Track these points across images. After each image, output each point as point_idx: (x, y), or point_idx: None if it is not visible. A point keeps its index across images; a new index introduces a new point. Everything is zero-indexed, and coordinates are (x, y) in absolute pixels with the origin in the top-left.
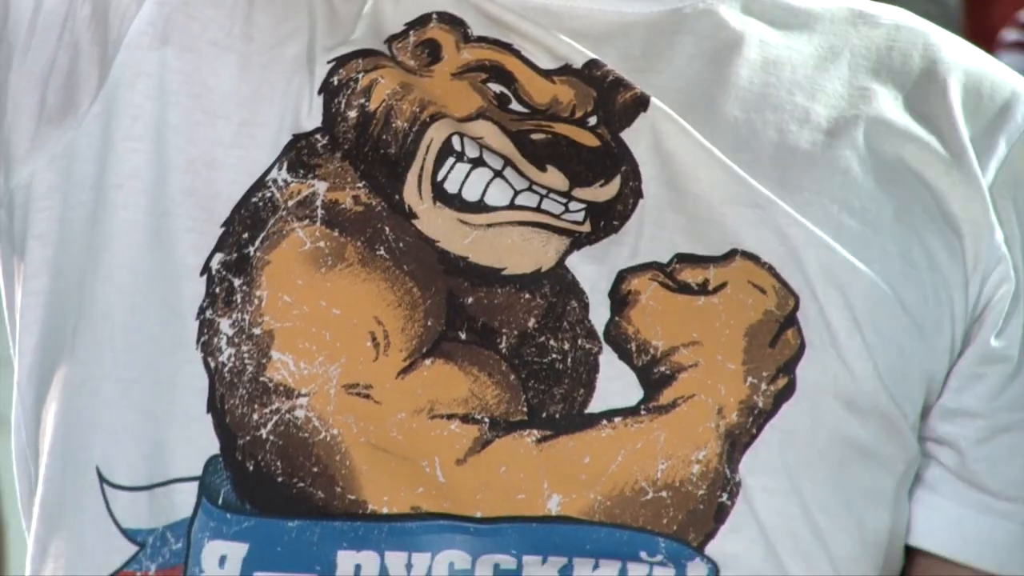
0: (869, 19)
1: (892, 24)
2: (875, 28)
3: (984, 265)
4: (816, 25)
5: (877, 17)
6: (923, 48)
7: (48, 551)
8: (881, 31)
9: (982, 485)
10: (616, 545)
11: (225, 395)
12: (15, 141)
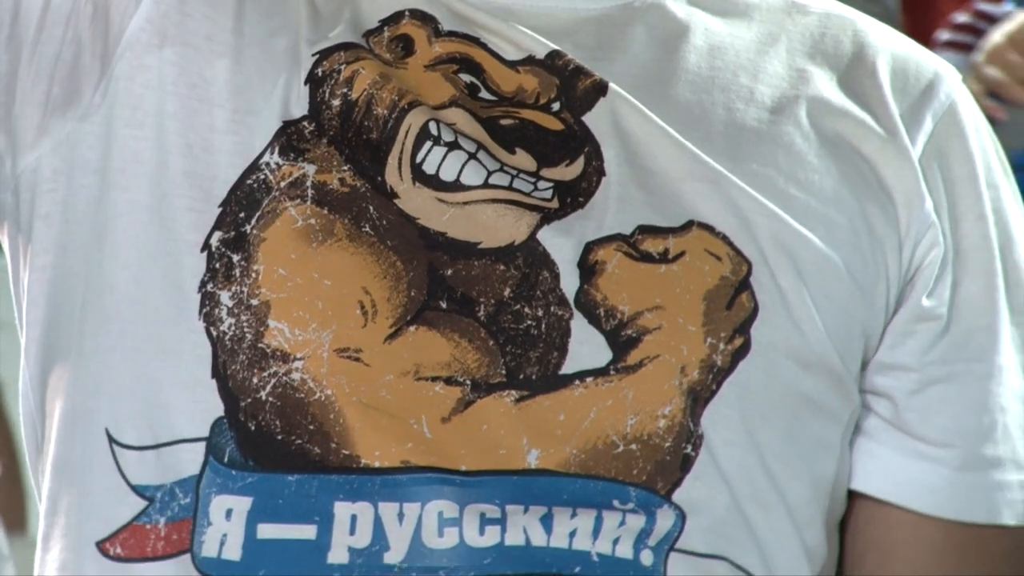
0: (801, 8)
1: (823, 12)
2: (807, 16)
3: (916, 231)
4: (754, 14)
5: (808, 6)
6: (852, 34)
7: (59, 506)
8: (813, 18)
9: (915, 433)
10: (591, 495)
11: (227, 361)
12: (22, 129)
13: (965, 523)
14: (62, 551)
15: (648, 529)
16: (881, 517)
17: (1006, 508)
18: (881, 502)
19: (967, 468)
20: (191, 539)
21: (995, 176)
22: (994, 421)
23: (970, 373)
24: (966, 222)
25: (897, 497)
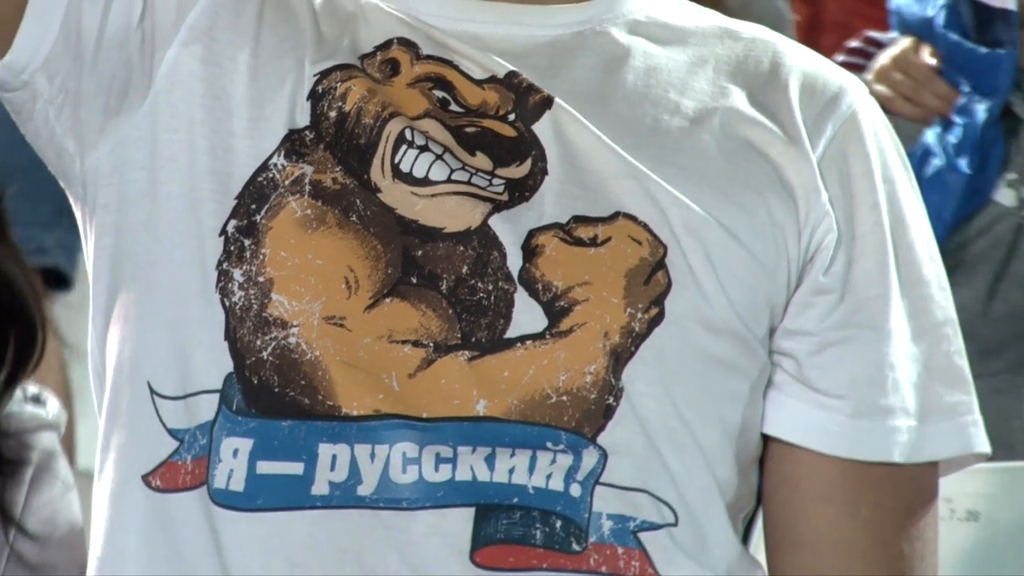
0: (733, 34)
1: (750, 38)
2: (737, 41)
3: (813, 220)
4: (690, 39)
5: (739, 32)
6: (771, 55)
7: (111, 444)
8: (741, 43)
9: (815, 386)
10: (528, 438)
11: (236, 327)
12: (87, 133)
13: (859, 461)
14: (113, 483)
15: (576, 466)
16: (790, 457)
17: (895, 448)
18: (789, 444)
19: (860, 415)
20: (206, 473)
21: (892, 172)
22: (884, 376)
23: (863, 337)
24: (861, 211)
25: (802, 440)
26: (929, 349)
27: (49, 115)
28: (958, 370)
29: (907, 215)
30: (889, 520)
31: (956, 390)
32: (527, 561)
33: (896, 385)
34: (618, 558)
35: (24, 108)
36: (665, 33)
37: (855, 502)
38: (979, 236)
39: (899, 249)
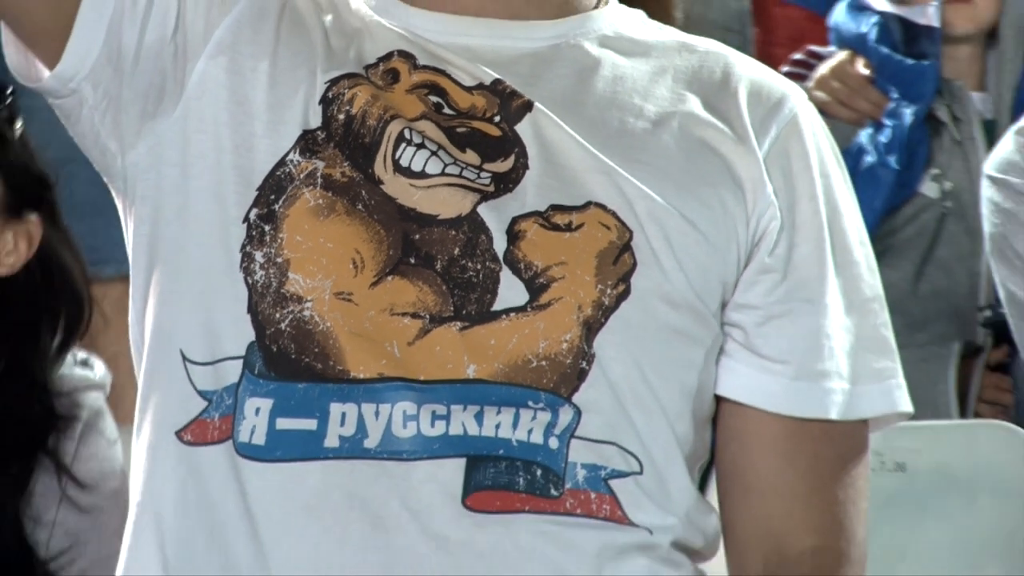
0: (690, 48)
1: (705, 51)
2: (693, 54)
3: (759, 209)
4: (652, 52)
5: (695, 46)
6: (724, 66)
7: (148, 405)
8: (697, 56)
9: (761, 353)
10: (512, 397)
11: (258, 302)
12: (127, 135)
13: (798, 418)
14: (150, 437)
15: (554, 422)
16: (739, 415)
17: (831, 407)
18: (738, 404)
19: (800, 378)
20: (232, 429)
21: (828, 168)
22: (821, 345)
23: (802, 310)
24: (802, 202)
25: (749, 399)
26: (860, 322)
27: (94, 119)
28: (885, 340)
29: (841, 205)
30: (826, 470)
31: (883, 357)
32: (511, 504)
33: (831, 352)
34: (591, 502)
35: (72, 113)
36: (630, 46)
37: (796, 454)
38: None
39: (834, 235)
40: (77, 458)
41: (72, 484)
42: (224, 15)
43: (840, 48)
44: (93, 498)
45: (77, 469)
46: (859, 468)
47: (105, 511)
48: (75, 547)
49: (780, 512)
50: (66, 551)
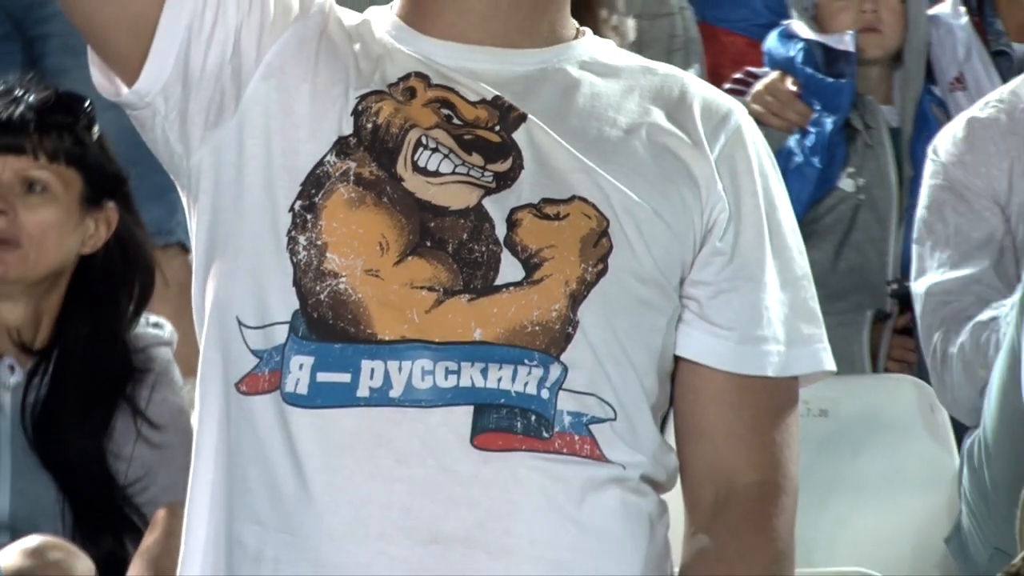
0: (652, 70)
1: (664, 73)
2: (655, 75)
3: (711, 203)
4: (621, 74)
5: (656, 70)
6: (680, 86)
7: (209, 362)
8: (658, 77)
9: (712, 321)
10: (511, 356)
11: (301, 277)
12: (192, 140)
13: (743, 375)
14: (211, 388)
15: (545, 377)
16: (694, 372)
17: (769, 366)
18: (693, 362)
19: (744, 342)
20: (279, 382)
21: (766, 169)
22: (761, 315)
23: (746, 287)
24: (745, 197)
25: (701, 359)
26: (793, 296)
27: (165, 127)
28: (813, 311)
29: (777, 200)
30: (764, 418)
31: (812, 325)
32: (511, 444)
33: (769, 321)
34: (575, 443)
35: (146, 122)
36: (604, 69)
37: (740, 405)
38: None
39: (771, 224)
40: (150, 403)
41: (146, 425)
42: (272, 43)
43: (772, 69)
44: (163, 436)
45: (150, 412)
46: (791, 416)
47: (173, 447)
48: (147, 477)
49: (728, 453)
50: (140, 479)
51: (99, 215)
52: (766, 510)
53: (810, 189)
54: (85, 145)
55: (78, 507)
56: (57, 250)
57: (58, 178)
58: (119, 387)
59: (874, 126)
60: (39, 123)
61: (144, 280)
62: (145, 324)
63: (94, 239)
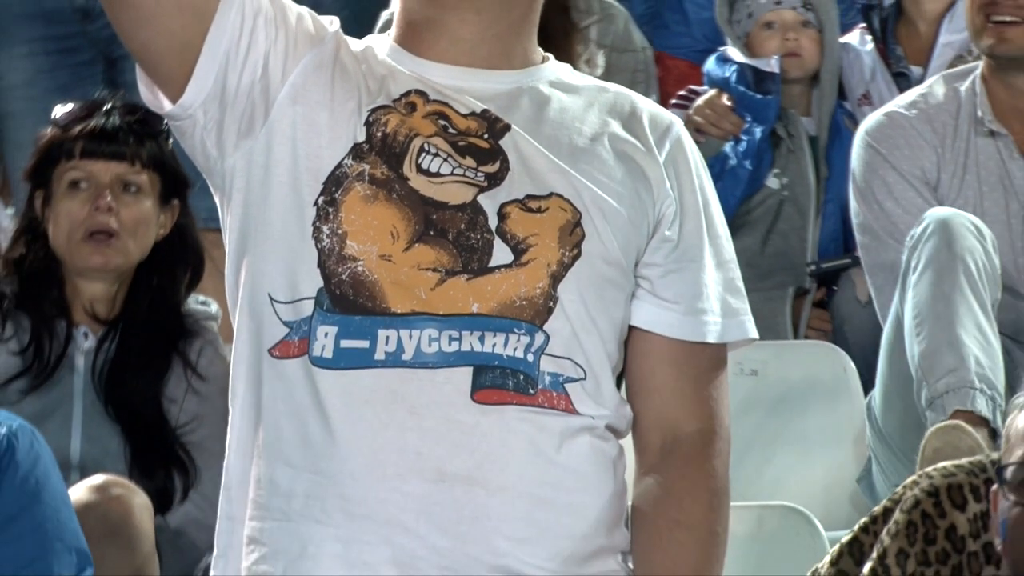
0: (605, 89)
1: (615, 91)
2: (609, 93)
3: (661, 198)
4: (581, 92)
5: (608, 88)
6: (630, 102)
7: (244, 331)
8: (611, 94)
9: (661, 296)
10: (503, 326)
11: (325, 260)
12: (226, 146)
13: (686, 341)
14: (247, 353)
15: (531, 343)
16: (645, 339)
17: (708, 334)
18: (645, 331)
19: (687, 314)
20: (308, 348)
21: (700, 172)
22: (701, 291)
23: (689, 268)
24: (687, 194)
25: (652, 327)
26: (724, 276)
27: (203, 136)
28: (739, 288)
29: (710, 197)
30: (703, 376)
31: (739, 300)
32: (504, 399)
33: (707, 297)
34: (554, 399)
35: (186, 131)
36: (568, 88)
37: (683, 365)
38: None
39: (707, 217)
40: (199, 361)
41: (195, 378)
42: (295, 66)
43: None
44: (208, 388)
45: (199, 368)
46: (723, 375)
47: (216, 399)
48: (195, 421)
49: (673, 406)
50: (189, 423)
51: (167, 210)
52: (706, 452)
53: (742, 187)
54: (164, 153)
55: (137, 448)
56: (145, 241)
57: (147, 180)
58: (173, 346)
59: (795, 134)
60: (133, 134)
61: (195, 262)
62: (195, 302)
63: (163, 229)
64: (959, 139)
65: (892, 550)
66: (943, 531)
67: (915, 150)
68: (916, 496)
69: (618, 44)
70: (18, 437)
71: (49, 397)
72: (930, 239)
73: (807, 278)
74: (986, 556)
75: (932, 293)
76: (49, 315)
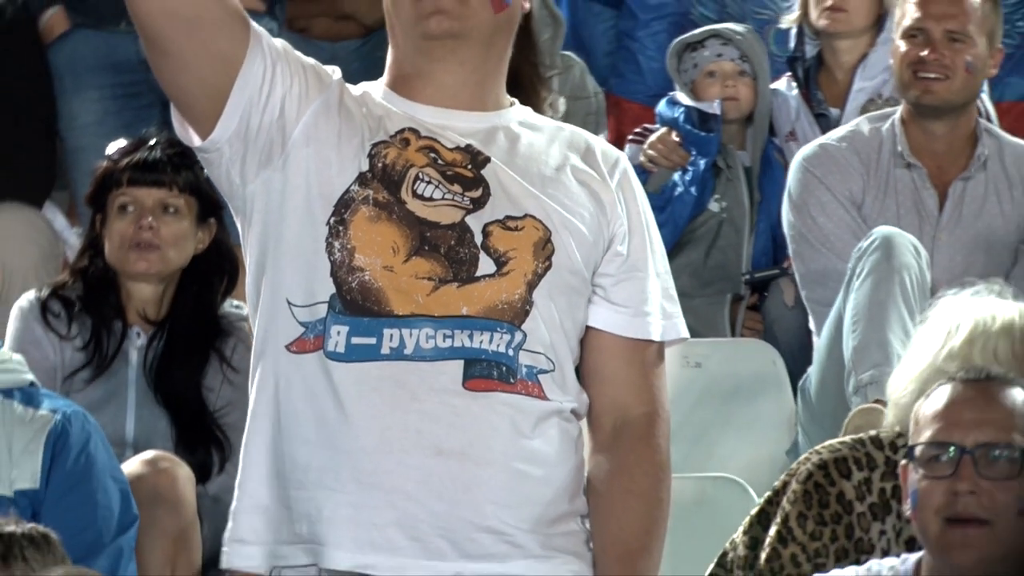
0: (562, 128)
1: (571, 131)
2: (565, 131)
3: (614, 220)
4: (544, 130)
5: (564, 127)
6: (584, 140)
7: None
8: (568, 132)
9: (613, 301)
10: (488, 326)
11: (337, 271)
12: (248, 175)
13: (634, 338)
14: (268, 349)
15: (511, 340)
16: (600, 337)
17: (652, 333)
18: (600, 330)
19: (635, 316)
20: (323, 344)
21: (642, 199)
22: (646, 297)
23: (636, 277)
24: (633, 216)
25: (606, 328)
26: (662, 285)
27: (228, 167)
28: (673, 296)
29: (650, 220)
30: (648, 368)
31: (674, 306)
32: (490, 387)
33: (651, 302)
34: (529, 387)
35: (213, 162)
36: (533, 127)
37: (631, 359)
38: (700, 226)
39: (649, 236)
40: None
41: (230, 370)
42: (307, 108)
43: (662, 126)
44: (240, 378)
45: (232, 362)
46: (663, 367)
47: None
48: (229, 406)
49: (622, 393)
50: (224, 407)
51: (204, 228)
52: (651, 432)
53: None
54: (200, 180)
55: (181, 429)
56: (182, 253)
57: (184, 203)
58: (211, 344)
59: (733, 166)
60: (171, 165)
61: (230, 272)
62: (229, 306)
63: (201, 244)
64: (881, 169)
65: (793, 514)
66: (834, 496)
67: (844, 175)
68: (809, 469)
69: (575, 92)
70: (71, 422)
71: (107, 386)
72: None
73: (742, 286)
74: (872, 515)
75: (870, 298)
76: (107, 316)
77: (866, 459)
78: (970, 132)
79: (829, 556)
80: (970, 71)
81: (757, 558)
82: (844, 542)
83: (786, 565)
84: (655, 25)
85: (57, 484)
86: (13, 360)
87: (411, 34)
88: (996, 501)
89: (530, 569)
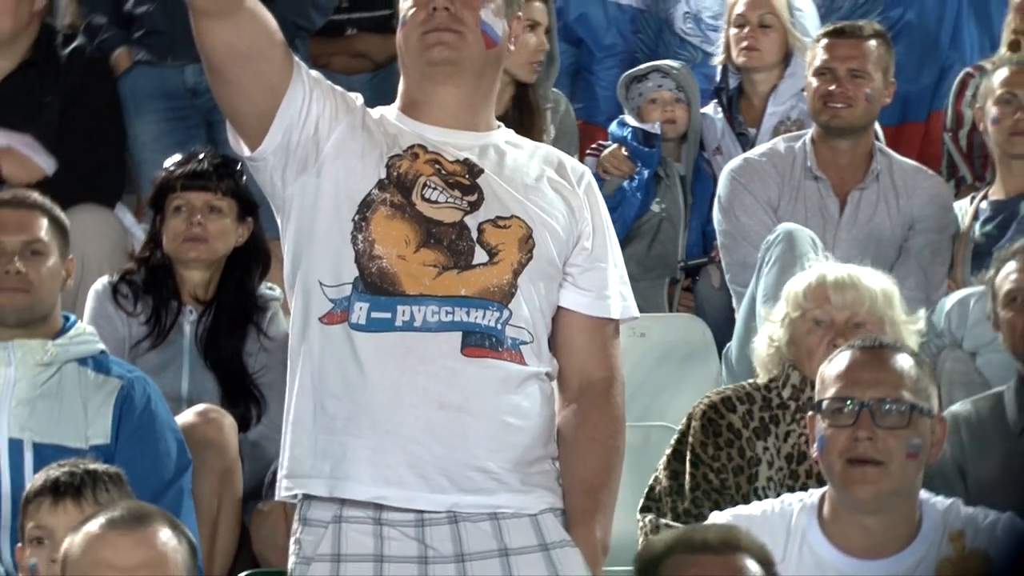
0: (541, 147)
1: (546, 148)
2: (541, 149)
3: (582, 221)
4: (524, 148)
5: (540, 146)
6: (556, 156)
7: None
8: (543, 150)
9: (580, 287)
10: (482, 304)
11: (359, 258)
12: (288, 180)
13: (596, 316)
14: (303, 321)
15: (500, 317)
16: (568, 315)
17: (613, 312)
18: (568, 310)
19: (598, 299)
20: (348, 317)
21: (602, 205)
22: (606, 283)
23: (599, 267)
24: (596, 218)
25: (573, 307)
26: (620, 274)
27: (272, 173)
28: (627, 283)
29: (608, 221)
30: (607, 341)
31: (627, 289)
32: (483, 354)
33: (610, 287)
34: (514, 355)
35: (260, 169)
36: (516, 146)
37: (594, 333)
38: (644, 224)
39: (608, 234)
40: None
41: (265, 339)
42: (337, 127)
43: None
44: (273, 345)
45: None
46: (618, 340)
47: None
48: (264, 369)
49: (586, 360)
50: (260, 370)
51: (243, 224)
52: (610, 392)
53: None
54: (239, 185)
55: (226, 387)
56: (225, 245)
57: (226, 204)
58: (250, 318)
59: (671, 175)
60: (216, 174)
61: (265, 261)
62: (264, 287)
63: (241, 237)
64: (793, 179)
65: (696, 444)
66: (724, 426)
67: (764, 184)
68: (703, 409)
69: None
70: (133, 386)
71: (166, 353)
72: (779, 244)
73: (678, 271)
74: (756, 436)
75: (775, 282)
76: (165, 297)
77: (746, 397)
78: (867, 151)
79: (728, 472)
80: (869, 101)
81: (682, 487)
82: (738, 460)
83: (701, 483)
84: (608, 62)
85: (125, 439)
86: (87, 332)
87: (417, 62)
88: (889, 446)
89: (513, 500)
